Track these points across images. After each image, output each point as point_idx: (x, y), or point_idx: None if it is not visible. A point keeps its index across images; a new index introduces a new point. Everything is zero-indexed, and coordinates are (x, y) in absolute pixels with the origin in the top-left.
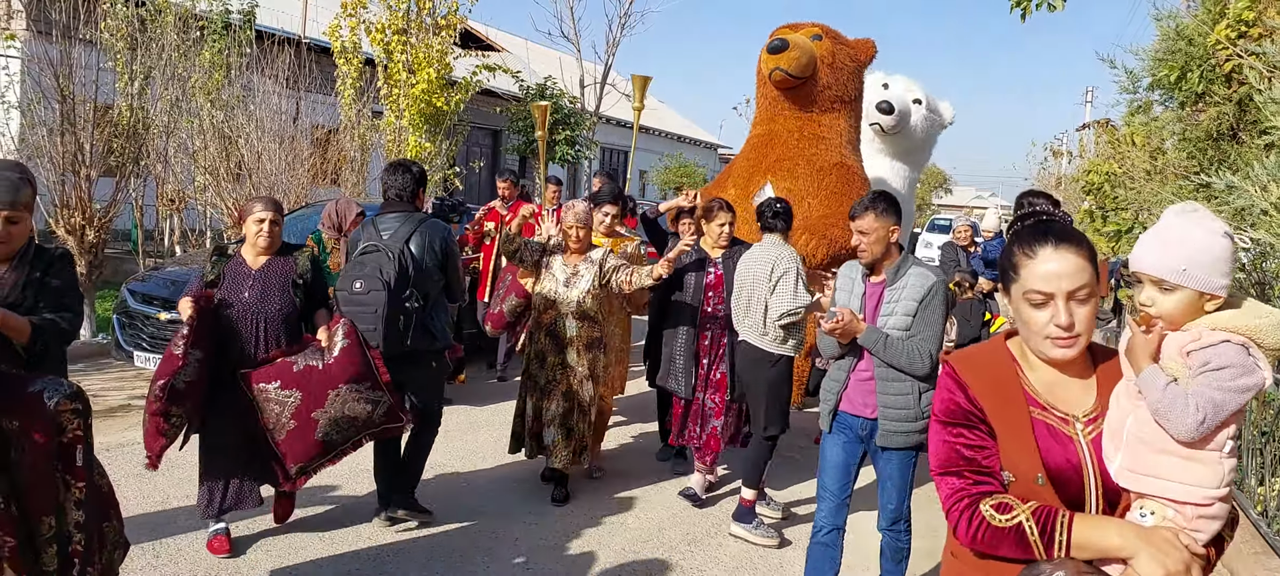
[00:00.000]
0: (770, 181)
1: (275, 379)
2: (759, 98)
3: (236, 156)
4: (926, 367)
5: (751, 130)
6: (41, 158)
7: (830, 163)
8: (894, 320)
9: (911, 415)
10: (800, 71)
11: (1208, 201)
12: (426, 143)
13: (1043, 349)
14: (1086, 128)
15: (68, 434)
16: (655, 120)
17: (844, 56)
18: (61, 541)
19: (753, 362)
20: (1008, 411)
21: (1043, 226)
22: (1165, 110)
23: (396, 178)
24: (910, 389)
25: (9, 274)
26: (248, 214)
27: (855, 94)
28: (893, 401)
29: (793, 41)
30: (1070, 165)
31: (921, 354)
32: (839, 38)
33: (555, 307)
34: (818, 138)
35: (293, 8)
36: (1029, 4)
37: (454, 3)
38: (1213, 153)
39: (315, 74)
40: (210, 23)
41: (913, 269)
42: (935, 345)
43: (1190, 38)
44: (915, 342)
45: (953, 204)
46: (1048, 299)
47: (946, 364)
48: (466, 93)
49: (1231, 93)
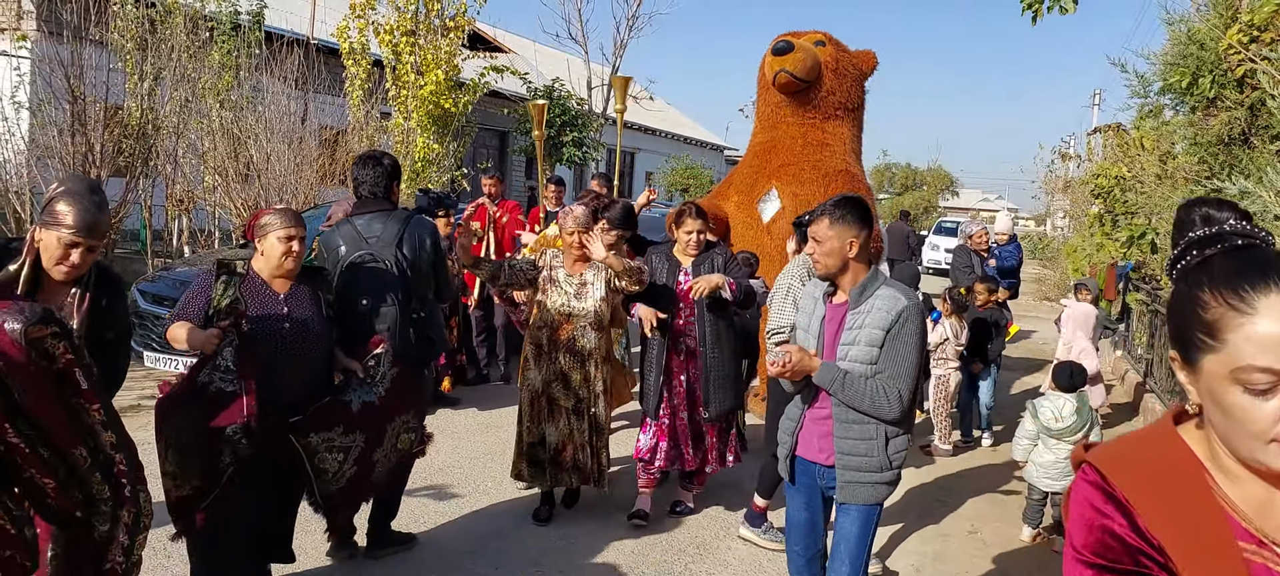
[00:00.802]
0: (776, 187)
1: (338, 424)
2: (761, 104)
3: (245, 157)
4: (895, 411)
5: (753, 138)
6: (52, 158)
7: (836, 169)
8: (856, 351)
9: (875, 465)
10: (805, 74)
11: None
12: (434, 144)
13: (1264, 457)
14: (1097, 132)
15: (59, 361)
16: (661, 121)
17: (847, 63)
18: (104, 466)
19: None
20: (1202, 548)
21: (1264, 259)
22: (1176, 114)
23: (369, 171)
24: (874, 433)
25: (77, 295)
26: (266, 229)
27: (858, 102)
28: (853, 447)
29: (798, 44)
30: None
31: (888, 395)
32: (841, 46)
33: (572, 321)
34: (822, 144)
35: (301, 9)
36: (1041, 6)
37: (463, 4)
38: (1224, 157)
39: (324, 75)
40: (219, 24)
41: (881, 289)
42: (907, 383)
43: (1202, 42)
44: (881, 381)
45: (959, 206)
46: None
47: (1089, 468)
48: (474, 94)
49: (1243, 98)
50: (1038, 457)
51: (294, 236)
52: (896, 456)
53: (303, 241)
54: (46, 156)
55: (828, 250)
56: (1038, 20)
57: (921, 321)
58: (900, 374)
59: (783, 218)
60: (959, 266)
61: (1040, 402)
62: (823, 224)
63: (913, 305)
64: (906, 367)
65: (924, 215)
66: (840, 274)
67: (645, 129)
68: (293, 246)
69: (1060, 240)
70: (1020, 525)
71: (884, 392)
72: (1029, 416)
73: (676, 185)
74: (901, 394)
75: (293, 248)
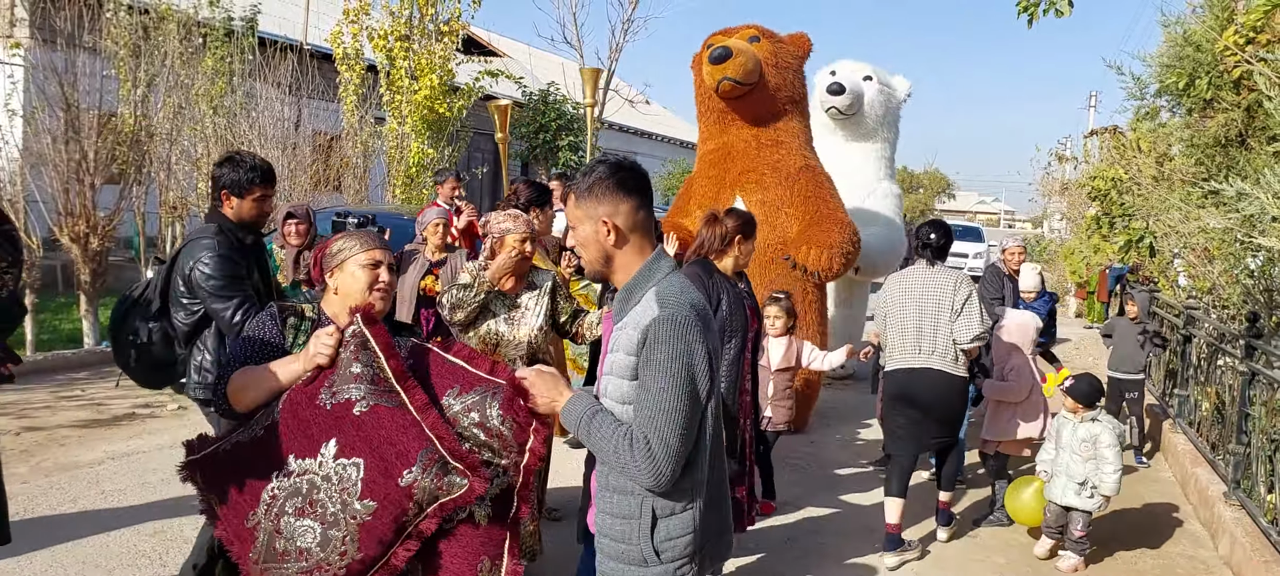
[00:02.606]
0: (740, 196)
1: None
2: (704, 111)
3: None
4: (644, 473)
5: (702, 146)
6: (45, 165)
7: (796, 167)
8: (611, 383)
9: (634, 555)
10: (747, 77)
11: (1217, 208)
12: (429, 149)
13: None
14: (1094, 134)
15: None
16: (657, 125)
17: (785, 55)
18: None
19: (943, 390)
20: None
21: None
22: (1173, 116)
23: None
24: (636, 509)
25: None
26: (340, 257)
27: (803, 93)
28: (609, 526)
29: (735, 47)
30: (1075, 171)
31: (635, 445)
32: (775, 36)
33: (498, 353)
34: (776, 143)
35: (295, 15)
36: (1036, 8)
37: (457, 9)
38: (1221, 159)
39: (317, 81)
40: (213, 30)
41: (647, 294)
42: (668, 432)
43: (1198, 44)
44: (625, 430)
45: (957, 209)
46: None
47: None
48: (469, 99)
49: (1240, 99)
50: (1058, 469)
51: (381, 261)
52: (668, 548)
53: (392, 270)
54: (40, 164)
55: (581, 239)
56: (1033, 22)
57: (686, 343)
58: (653, 417)
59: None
60: (988, 292)
61: (1062, 425)
62: (569, 202)
63: (666, 318)
64: (662, 408)
65: (921, 218)
66: (609, 271)
67: (640, 133)
68: (380, 275)
69: (1058, 242)
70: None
71: (629, 440)
72: (1050, 443)
73: (672, 189)
74: (651, 446)
75: (380, 277)
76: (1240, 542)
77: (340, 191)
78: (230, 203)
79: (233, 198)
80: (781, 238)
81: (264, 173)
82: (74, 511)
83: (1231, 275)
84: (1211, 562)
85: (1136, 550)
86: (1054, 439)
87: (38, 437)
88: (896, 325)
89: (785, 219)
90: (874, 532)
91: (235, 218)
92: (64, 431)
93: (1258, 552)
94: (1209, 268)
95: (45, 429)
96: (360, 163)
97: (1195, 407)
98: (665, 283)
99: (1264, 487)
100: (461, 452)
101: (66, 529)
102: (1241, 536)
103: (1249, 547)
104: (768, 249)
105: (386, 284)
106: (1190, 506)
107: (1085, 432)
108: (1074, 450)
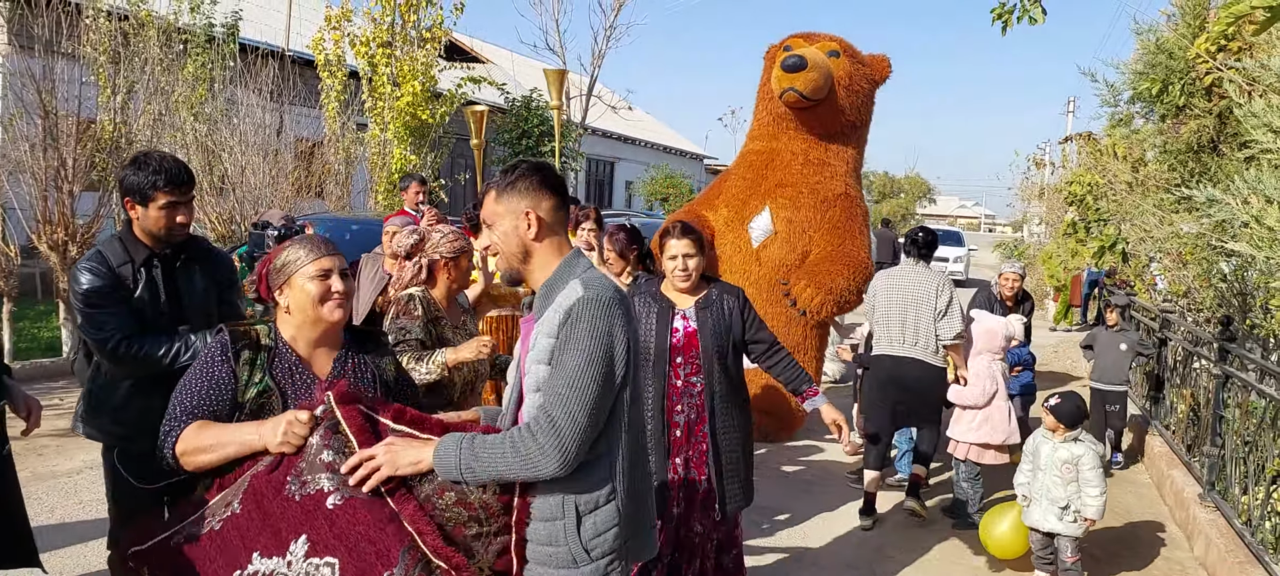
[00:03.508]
0: (770, 208)
1: None
2: (761, 111)
3: (219, 170)
4: (548, 453)
5: (748, 143)
6: (23, 173)
7: (835, 193)
8: (531, 372)
9: (565, 557)
10: (815, 94)
11: (1189, 214)
12: (411, 155)
13: None
14: (1069, 140)
15: None
16: (640, 131)
17: (860, 78)
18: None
19: (927, 382)
20: None
21: None
22: (1146, 123)
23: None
24: (557, 506)
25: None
26: (287, 271)
27: (866, 118)
28: (535, 530)
29: (811, 60)
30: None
31: (536, 431)
32: (856, 55)
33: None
34: (823, 164)
35: (277, 21)
36: (1010, 16)
37: (439, 15)
38: (1193, 165)
39: (299, 87)
40: (194, 36)
41: (571, 282)
42: (574, 404)
43: (1170, 51)
44: (516, 428)
45: (938, 213)
46: None
47: None
48: (451, 105)
49: (1212, 105)
50: (1036, 492)
51: (331, 270)
52: (597, 544)
53: (346, 276)
54: (18, 171)
55: (501, 233)
56: (1007, 30)
57: (607, 323)
58: (562, 393)
59: (774, 243)
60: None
61: (1039, 444)
62: (489, 199)
63: (590, 298)
64: (573, 384)
65: (902, 222)
66: (526, 267)
67: (624, 138)
68: (332, 285)
69: (1037, 247)
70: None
71: (527, 430)
72: (1027, 463)
73: (656, 194)
74: (556, 420)
75: (332, 287)
76: (1215, 543)
77: (322, 198)
78: (135, 211)
79: (137, 205)
80: (799, 260)
81: (171, 175)
82: (52, 522)
83: (1205, 279)
84: (1187, 564)
85: (1112, 552)
86: (1031, 459)
87: (15, 447)
88: (883, 317)
89: (808, 243)
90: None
91: (139, 230)
92: (42, 440)
93: (1231, 553)
94: (1184, 272)
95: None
96: (342, 169)
97: (1171, 410)
98: (588, 273)
99: (1238, 488)
100: (445, 551)
101: (44, 539)
102: (1216, 537)
103: (1223, 548)
104: (780, 270)
105: (341, 292)
106: (1166, 508)
107: (1066, 454)
108: (1054, 472)
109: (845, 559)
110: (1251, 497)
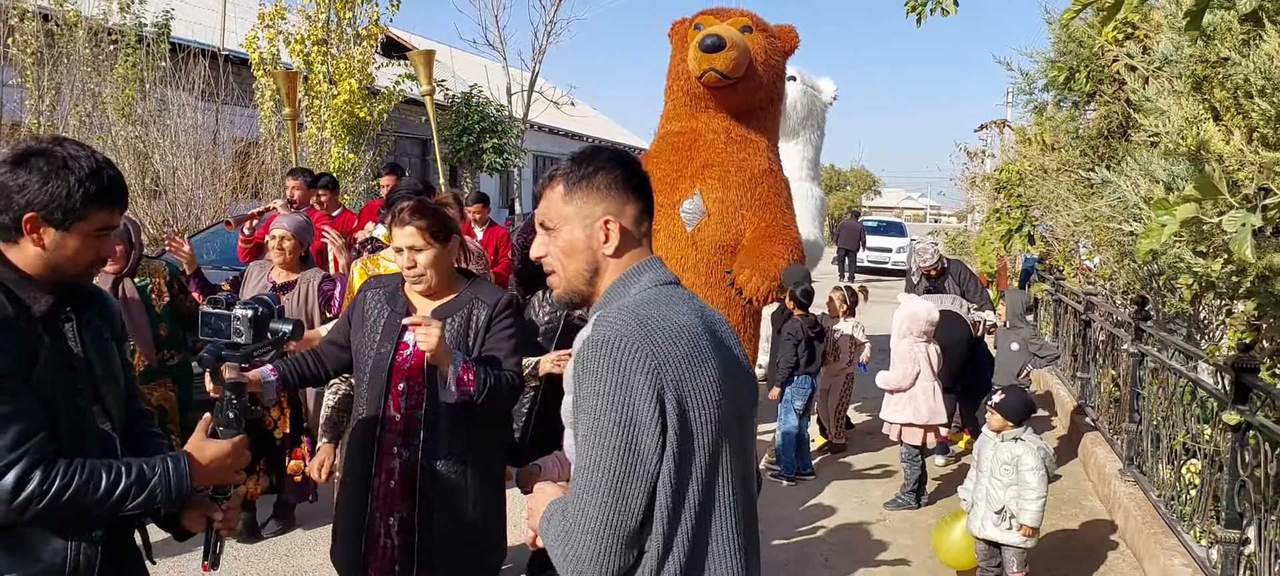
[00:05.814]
0: (700, 190)
1: None
2: (676, 91)
3: (151, 172)
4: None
5: (664, 125)
6: None
7: (761, 170)
8: (570, 435)
9: None
10: (735, 73)
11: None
12: (350, 154)
13: None
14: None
15: None
16: (582, 125)
17: (774, 52)
18: None
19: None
20: None
21: None
22: (1059, 110)
23: None
24: None
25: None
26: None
27: (781, 91)
28: None
29: (728, 38)
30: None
31: (568, 535)
32: (768, 29)
33: None
34: (746, 139)
35: (210, 19)
36: (923, 7)
37: (375, 12)
38: (1104, 149)
39: (233, 86)
40: (123, 37)
41: (600, 310)
42: (591, 503)
43: (1079, 39)
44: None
45: (884, 205)
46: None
47: None
48: (390, 102)
49: (1120, 92)
50: (978, 496)
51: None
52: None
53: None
54: None
55: (565, 244)
56: (922, 22)
57: (619, 374)
58: (575, 482)
59: (708, 225)
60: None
61: (983, 446)
62: (553, 193)
63: (597, 339)
64: (581, 464)
65: (848, 215)
66: (592, 291)
67: (568, 134)
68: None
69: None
70: None
71: (569, 530)
72: (974, 468)
73: None
74: (571, 526)
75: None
76: (1133, 515)
77: (258, 198)
78: (38, 236)
79: (48, 227)
80: (734, 240)
81: (112, 184)
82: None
83: (1120, 261)
84: (1108, 535)
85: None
86: (976, 463)
87: None
88: None
89: (741, 222)
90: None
91: (39, 264)
92: None
93: (1148, 525)
94: (1105, 254)
95: None
96: (278, 169)
97: (1096, 388)
98: (632, 297)
99: (1157, 462)
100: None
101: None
102: (1134, 510)
103: (1140, 520)
104: (718, 252)
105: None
106: (1089, 483)
107: (1007, 454)
108: (995, 474)
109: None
110: (1171, 471)
